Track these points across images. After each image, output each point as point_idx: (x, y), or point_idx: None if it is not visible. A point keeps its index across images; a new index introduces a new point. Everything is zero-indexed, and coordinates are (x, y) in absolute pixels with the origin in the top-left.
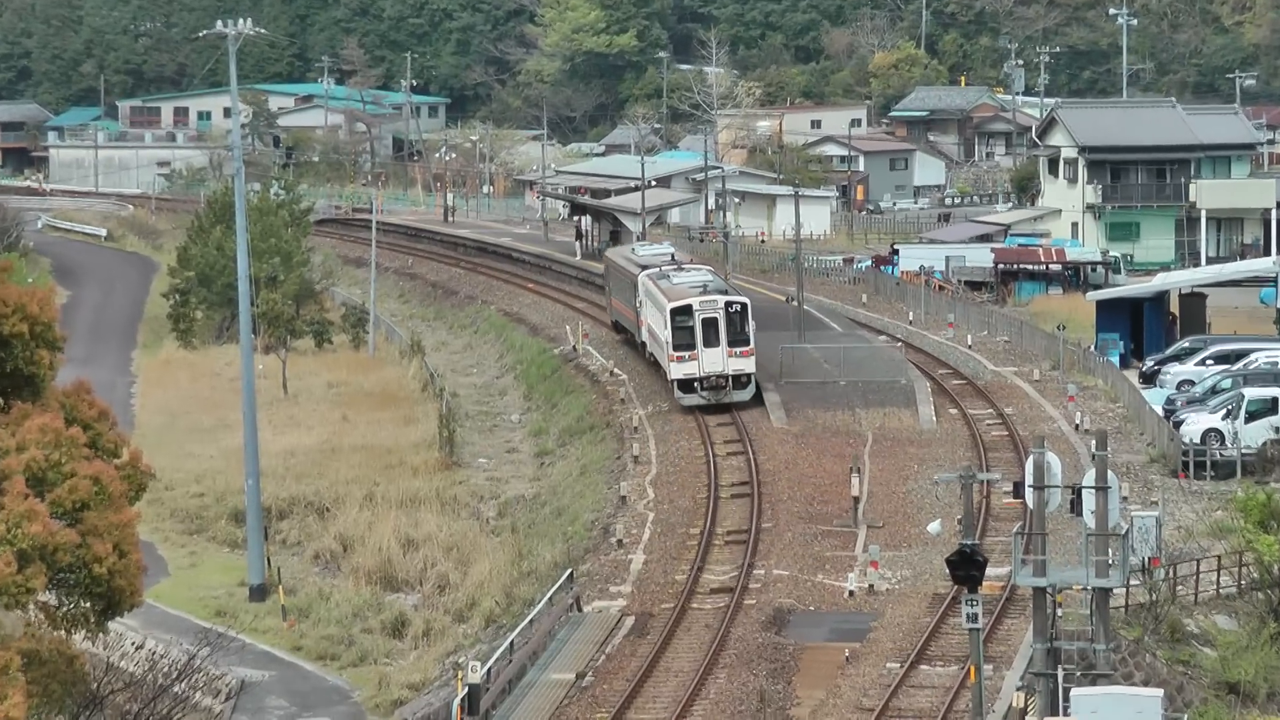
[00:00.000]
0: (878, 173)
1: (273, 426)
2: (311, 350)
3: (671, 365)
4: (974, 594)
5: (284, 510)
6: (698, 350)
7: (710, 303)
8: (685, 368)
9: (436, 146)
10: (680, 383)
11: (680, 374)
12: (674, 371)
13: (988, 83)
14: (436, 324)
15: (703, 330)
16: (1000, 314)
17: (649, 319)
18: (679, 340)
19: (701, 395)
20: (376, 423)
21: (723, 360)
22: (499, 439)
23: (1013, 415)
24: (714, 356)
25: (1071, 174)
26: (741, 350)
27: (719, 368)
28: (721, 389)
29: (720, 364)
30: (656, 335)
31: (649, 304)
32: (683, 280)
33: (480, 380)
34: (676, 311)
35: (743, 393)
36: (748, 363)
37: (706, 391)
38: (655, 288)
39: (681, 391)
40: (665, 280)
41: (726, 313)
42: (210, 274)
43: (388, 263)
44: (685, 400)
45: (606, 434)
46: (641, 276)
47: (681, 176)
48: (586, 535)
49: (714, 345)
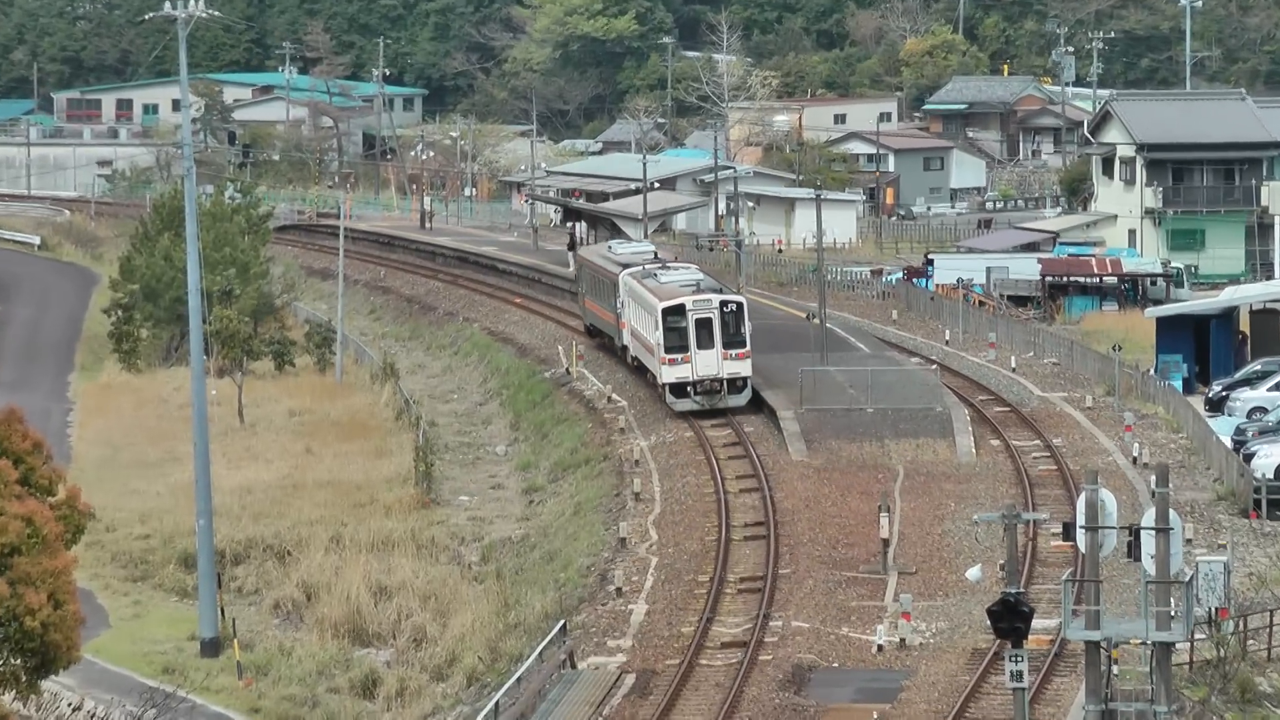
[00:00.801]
0: (910, 173)
1: (227, 460)
2: (271, 374)
3: (663, 369)
4: (1019, 649)
5: (240, 554)
6: (691, 352)
7: (704, 302)
8: (677, 371)
9: (412, 144)
10: (672, 387)
11: (672, 378)
12: (665, 375)
13: (1034, 72)
14: (412, 344)
15: (696, 331)
16: (1048, 333)
17: (634, 321)
18: (671, 342)
19: (695, 400)
20: (344, 455)
21: (717, 363)
22: (482, 474)
23: (1062, 447)
24: (708, 359)
25: (1128, 175)
26: (737, 352)
27: (713, 371)
28: (716, 393)
29: (715, 367)
30: (644, 338)
31: (633, 305)
32: (672, 279)
33: (461, 407)
34: (668, 311)
35: (738, 397)
36: (744, 365)
37: (700, 396)
38: (642, 287)
39: (674, 396)
40: (652, 279)
41: (721, 312)
42: (157, 287)
43: (357, 275)
44: (678, 406)
45: (604, 468)
46: (623, 276)
47: (688, 178)
48: (581, 582)
49: (708, 347)
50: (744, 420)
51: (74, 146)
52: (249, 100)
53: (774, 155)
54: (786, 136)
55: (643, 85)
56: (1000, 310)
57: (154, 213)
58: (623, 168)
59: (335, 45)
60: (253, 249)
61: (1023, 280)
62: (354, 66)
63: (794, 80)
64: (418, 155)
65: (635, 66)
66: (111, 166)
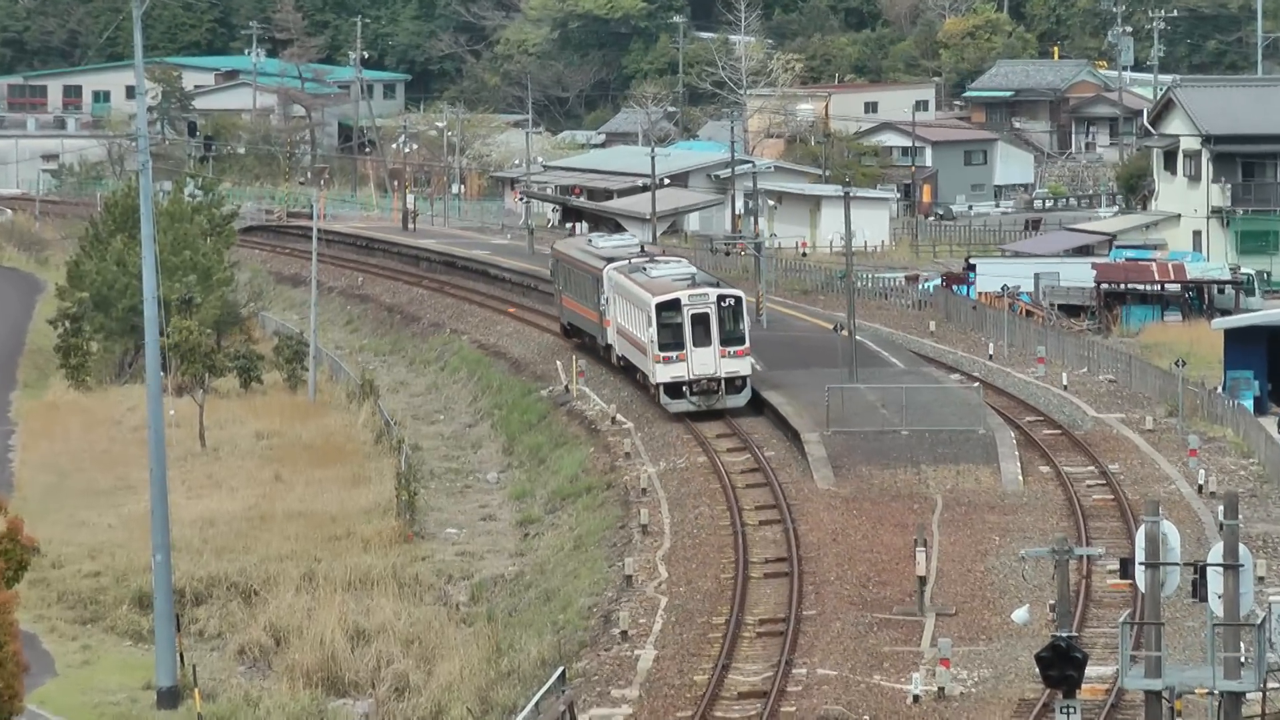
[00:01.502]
0: (949, 168)
1: (187, 488)
2: (236, 392)
3: (656, 367)
4: (1071, 699)
5: (201, 593)
6: (686, 350)
7: (700, 296)
8: (672, 370)
9: (394, 135)
10: (667, 387)
11: (667, 377)
12: (659, 374)
13: (1087, 55)
14: (393, 359)
15: (692, 327)
16: (1104, 346)
17: (621, 318)
18: (665, 339)
19: (691, 401)
20: (318, 483)
21: (714, 361)
22: (472, 503)
23: (1119, 474)
24: (705, 357)
25: (1193, 170)
26: (736, 350)
27: (710, 369)
28: (713, 394)
29: (712, 365)
30: (634, 336)
31: (621, 301)
32: (664, 273)
33: (449, 429)
34: (662, 307)
35: (737, 397)
36: (743, 364)
37: (696, 396)
38: (631, 282)
39: (668, 397)
40: (642, 274)
41: (719, 307)
42: (109, 296)
43: (332, 281)
44: (673, 407)
45: (607, 497)
46: (608, 271)
47: (701, 173)
48: (582, 625)
49: (705, 344)
50: (763, 443)
51: (16, 138)
52: (211, 87)
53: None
54: (811, 127)
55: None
56: (1050, 321)
57: (105, 212)
58: (628, 162)
59: (308, 25)
60: (216, 253)
61: (1075, 288)
62: (329, 49)
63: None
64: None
65: (643, 49)
66: (58, 161)
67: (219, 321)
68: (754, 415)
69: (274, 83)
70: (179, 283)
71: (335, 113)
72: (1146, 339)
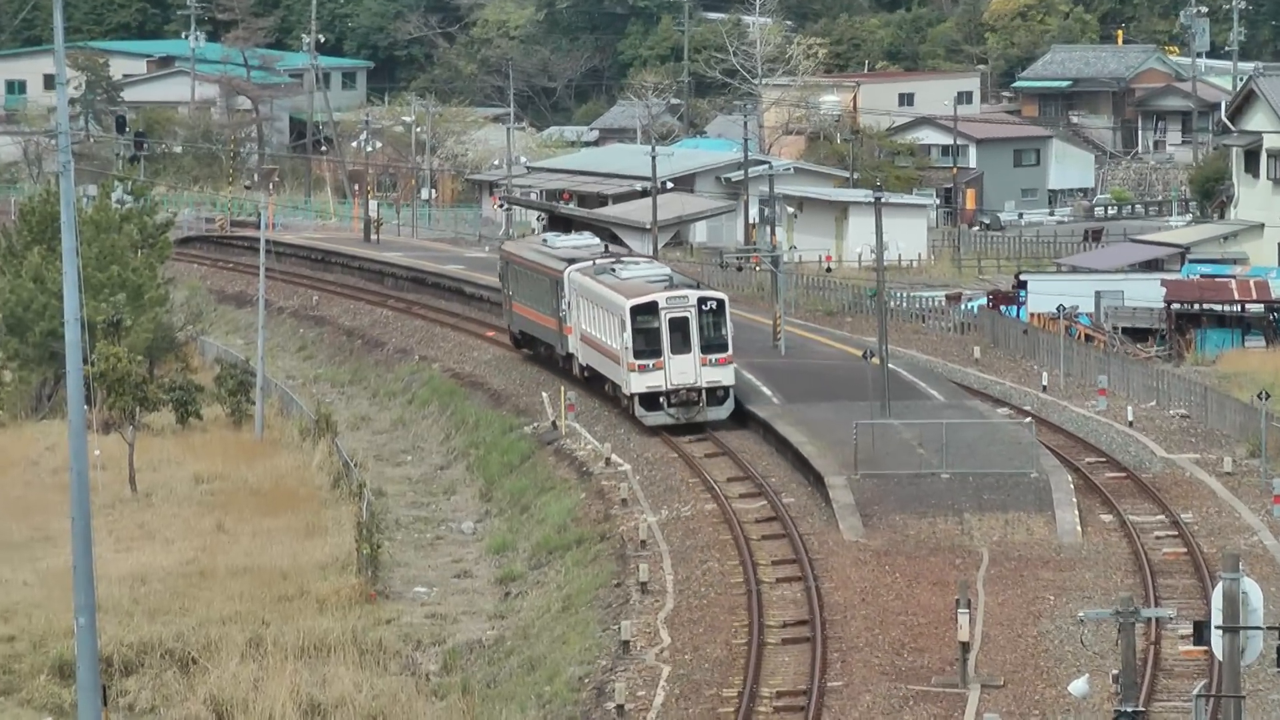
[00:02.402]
0: (996, 170)
1: (115, 539)
2: (172, 429)
3: (632, 377)
4: None
5: (131, 662)
6: (664, 358)
7: (679, 299)
8: (649, 379)
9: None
10: (643, 398)
11: (643, 387)
12: (634, 384)
13: (1156, 39)
14: (354, 390)
15: (670, 333)
16: (1175, 376)
17: (587, 324)
18: (641, 345)
19: (669, 413)
20: (266, 534)
21: (695, 369)
22: (444, 558)
23: (1193, 524)
24: (684, 365)
25: (1278, 173)
26: (718, 357)
27: (690, 379)
28: (694, 405)
29: (692, 374)
30: (602, 343)
31: (588, 306)
32: (637, 273)
33: (417, 472)
34: (639, 310)
35: (719, 409)
36: (725, 372)
37: (675, 408)
38: (600, 285)
39: (644, 409)
40: (610, 275)
41: (699, 311)
42: (24, 317)
43: (283, 301)
44: (649, 420)
45: (601, 551)
46: (571, 273)
47: (710, 175)
48: (572, 698)
49: (684, 351)
50: (781, 487)
51: None
52: (143, 76)
53: (821, 147)
54: (837, 123)
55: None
56: (1113, 347)
57: (20, 221)
58: (626, 163)
59: (254, 4)
60: (148, 268)
61: (1142, 309)
62: (279, 32)
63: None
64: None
65: (642, 32)
66: None
67: (152, 347)
68: (772, 454)
69: (215, 71)
70: (105, 302)
71: (286, 106)
72: (1224, 368)
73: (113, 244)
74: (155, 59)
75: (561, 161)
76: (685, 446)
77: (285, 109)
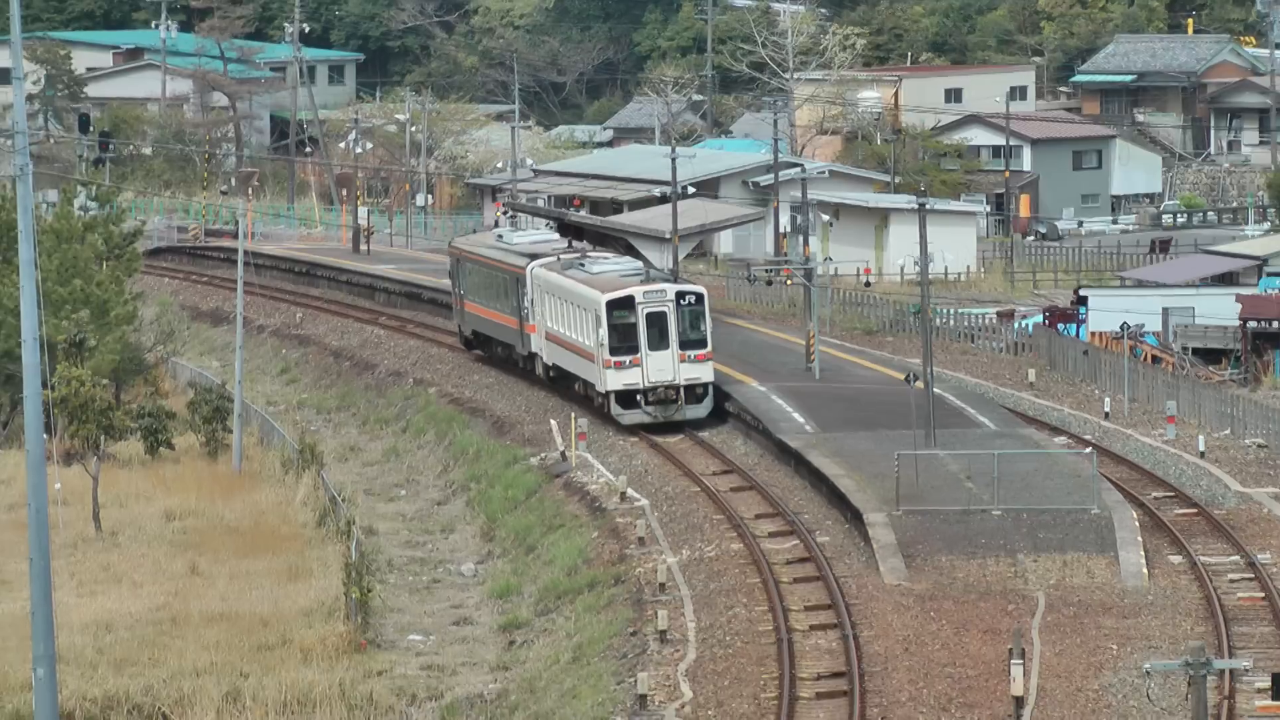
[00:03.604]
0: (1053, 174)
1: (78, 583)
2: (140, 459)
3: (607, 374)
4: None
5: (96, 718)
6: (641, 354)
7: (657, 293)
8: (625, 377)
9: (342, 131)
10: (619, 396)
11: (619, 384)
12: (610, 382)
13: (1230, 29)
14: (342, 417)
15: (648, 328)
16: (1251, 402)
17: (554, 322)
18: (617, 342)
19: (646, 411)
20: (244, 577)
21: (673, 366)
22: (442, 603)
23: (1271, 566)
24: (662, 361)
25: None
26: (696, 354)
27: (669, 376)
28: (672, 403)
29: (670, 371)
30: (573, 341)
31: (554, 303)
32: (610, 268)
33: (412, 508)
34: (614, 305)
35: (698, 408)
36: (704, 369)
37: (653, 406)
38: (570, 280)
39: (620, 407)
40: (580, 270)
41: (678, 306)
42: None
43: (264, 319)
44: (626, 418)
45: (615, 595)
46: (535, 269)
47: (736, 179)
48: None
49: (662, 347)
50: (815, 524)
51: None
52: (109, 69)
53: (859, 148)
54: (877, 121)
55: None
56: (1183, 369)
57: None
58: (643, 166)
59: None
60: (114, 282)
61: (1215, 327)
62: (259, 21)
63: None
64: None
65: (660, 21)
66: None
67: (118, 370)
68: (805, 488)
69: (189, 64)
70: (67, 320)
71: (267, 102)
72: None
73: (75, 255)
74: (122, 51)
75: (571, 164)
76: (709, 480)
77: (266, 106)
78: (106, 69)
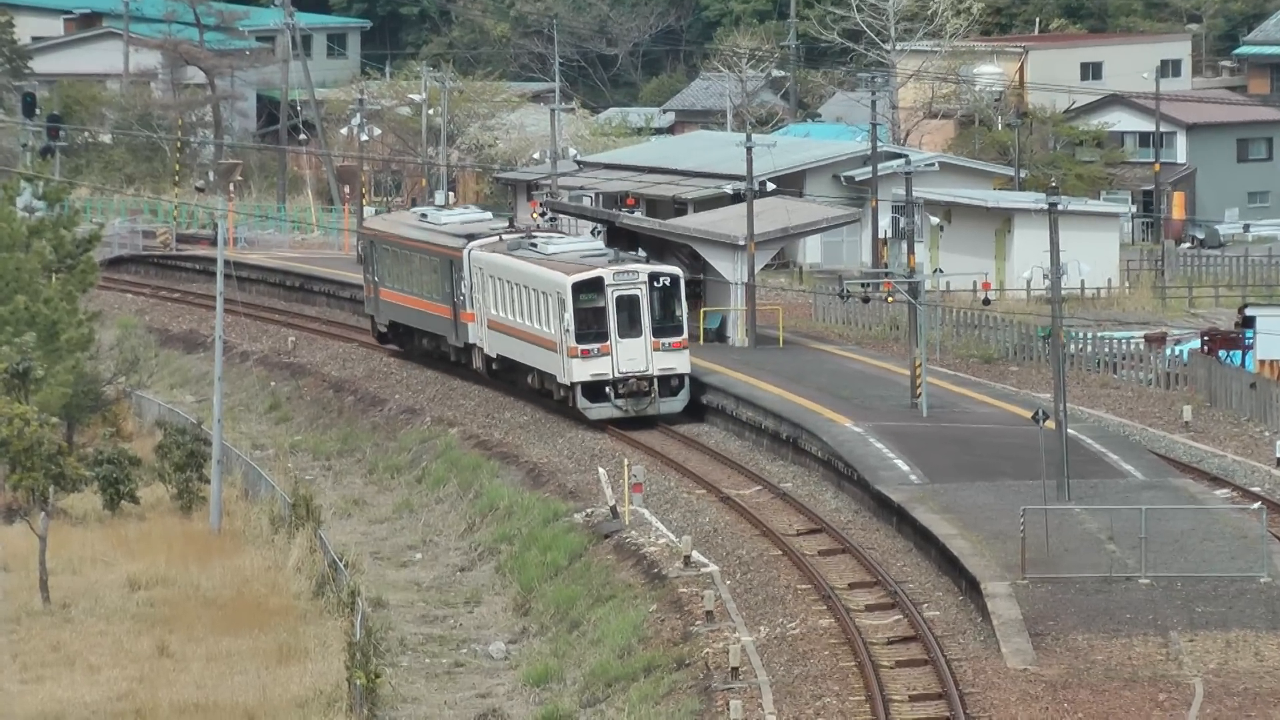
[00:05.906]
0: (1213, 166)
1: (22, 666)
2: (98, 515)
3: (573, 364)
4: None
5: None
6: (611, 342)
7: (628, 275)
8: (593, 366)
9: (344, 114)
10: (586, 388)
11: (586, 375)
12: (576, 372)
13: None
14: (343, 464)
15: (618, 313)
16: None
17: (500, 309)
18: (584, 328)
19: (616, 405)
20: (225, 659)
21: (646, 355)
22: (466, 690)
23: None
24: (634, 349)
25: None
26: (672, 341)
27: (641, 365)
28: (645, 395)
29: (643, 360)
30: (527, 329)
31: (500, 287)
32: (568, 248)
33: (430, 575)
34: (581, 288)
35: (673, 401)
36: (680, 358)
37: (623, 400)
38: (522, 262)
39: (588, 400)
40: (532, 251)
41: (651, 288)
42: None
43: (249, 344)
44: (594, 413)
45: (678, 682)
46: (473, 251)
47: (826, 173)
48: None
49: (634, 334)
50: (922, 595)
51: None
52: (59, 38)
53: (975, 135)
54: (998, 102)
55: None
56: None
57: None
58: (710, 157)
59: None
60: (66, 298)
61: None
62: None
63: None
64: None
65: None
66: None
67: (71, 405)
68: (909, 550)
69: (157, 33)
70: (8, 345)
71: (252, 79)
72: None
73: (18, 266)
74: (75, 17)
75: (624, 155)
76: (792, 541)
77: (251, 84)
78: (56, 38)
